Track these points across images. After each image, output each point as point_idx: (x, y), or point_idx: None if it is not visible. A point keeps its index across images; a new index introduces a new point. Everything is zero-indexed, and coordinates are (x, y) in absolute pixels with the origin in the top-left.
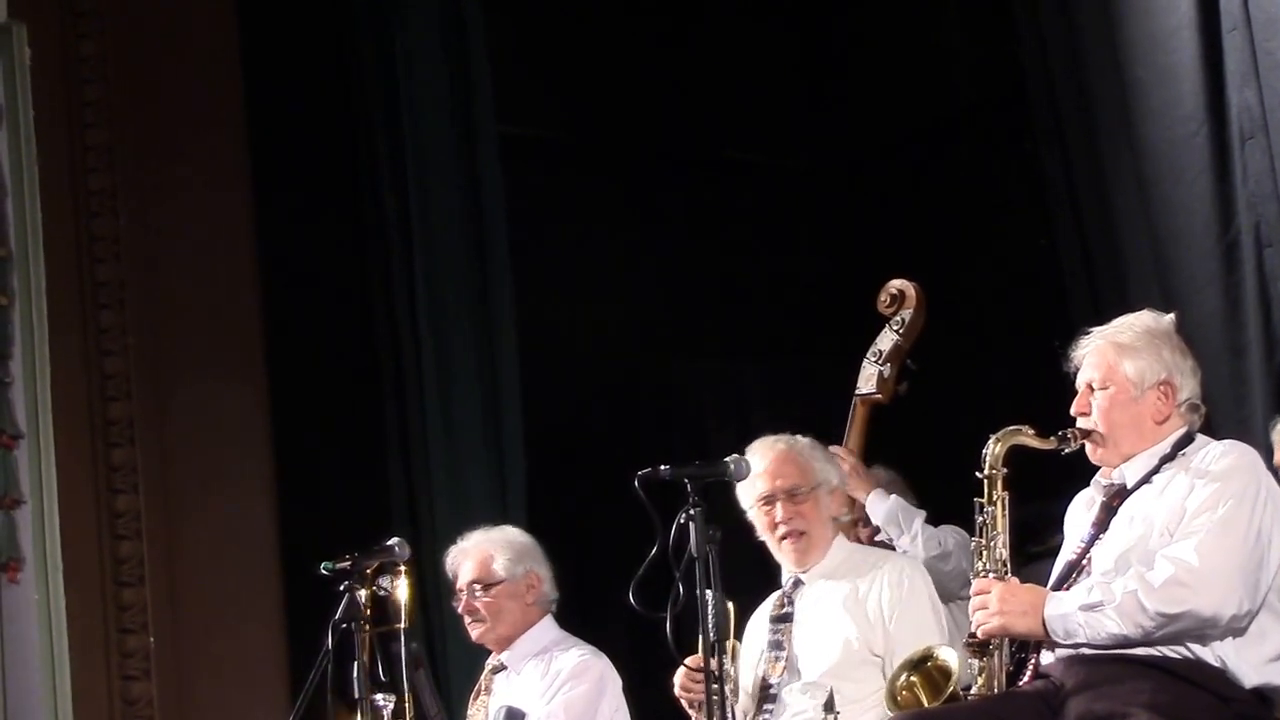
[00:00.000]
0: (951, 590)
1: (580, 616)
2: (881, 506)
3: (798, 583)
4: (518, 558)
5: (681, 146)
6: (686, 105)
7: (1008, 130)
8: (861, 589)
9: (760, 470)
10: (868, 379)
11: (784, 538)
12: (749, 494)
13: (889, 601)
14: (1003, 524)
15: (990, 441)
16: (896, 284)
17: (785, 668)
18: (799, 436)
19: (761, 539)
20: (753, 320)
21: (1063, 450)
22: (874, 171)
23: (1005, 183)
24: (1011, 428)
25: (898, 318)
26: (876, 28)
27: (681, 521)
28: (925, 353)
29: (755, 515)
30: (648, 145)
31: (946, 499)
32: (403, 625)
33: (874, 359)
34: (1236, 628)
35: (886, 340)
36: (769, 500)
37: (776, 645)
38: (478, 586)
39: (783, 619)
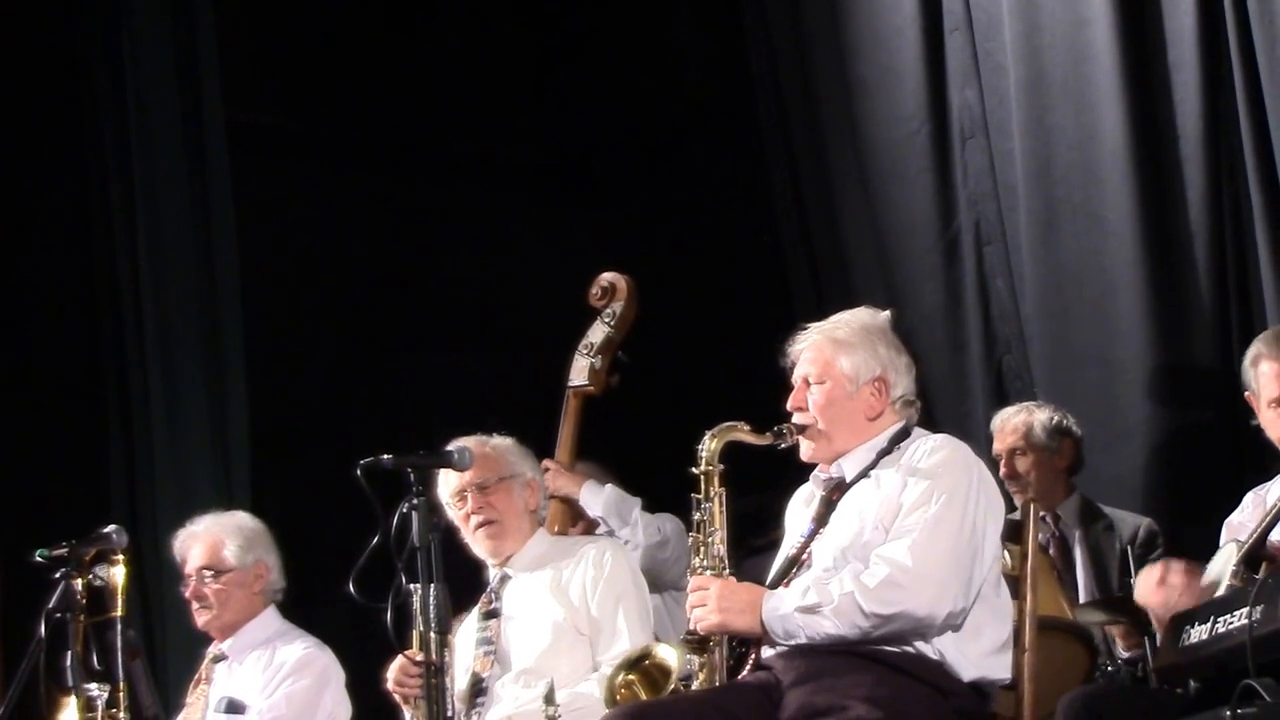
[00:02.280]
0: (672, 577)
1: (302, 606)
2: (599, 497)
3: (504, 578)
4: (248, 545)
5: (411, 136)
6: (415, 94)
7: (735, 126)
8: (565, 574)
9: None
10: (579, 371)
11: (477, 528)
12: (444, 492)
13: (590, 580)
14: (720, 520)
15: (706, 437)
16: (607, 277)
17: (495, 661)
18: (495, 435)
19: (465, 540)
20: (478, 313)
21: (779, 445)
22: (599, 166)
23: (731, 178)
24: (727, 424)
25: (609, 310)
26: (608, 21)
27: (404, 511)
28: (647, 346)
29: (452, 513)
30: (377, 135)
31: (660, 493)
32: (118, 614)
33: (585, 351)
34: (952, 624)
35: (598, 332)
36: (460, 494)
37: (485, 641)
38: (207, 573)
39: (490, 615)
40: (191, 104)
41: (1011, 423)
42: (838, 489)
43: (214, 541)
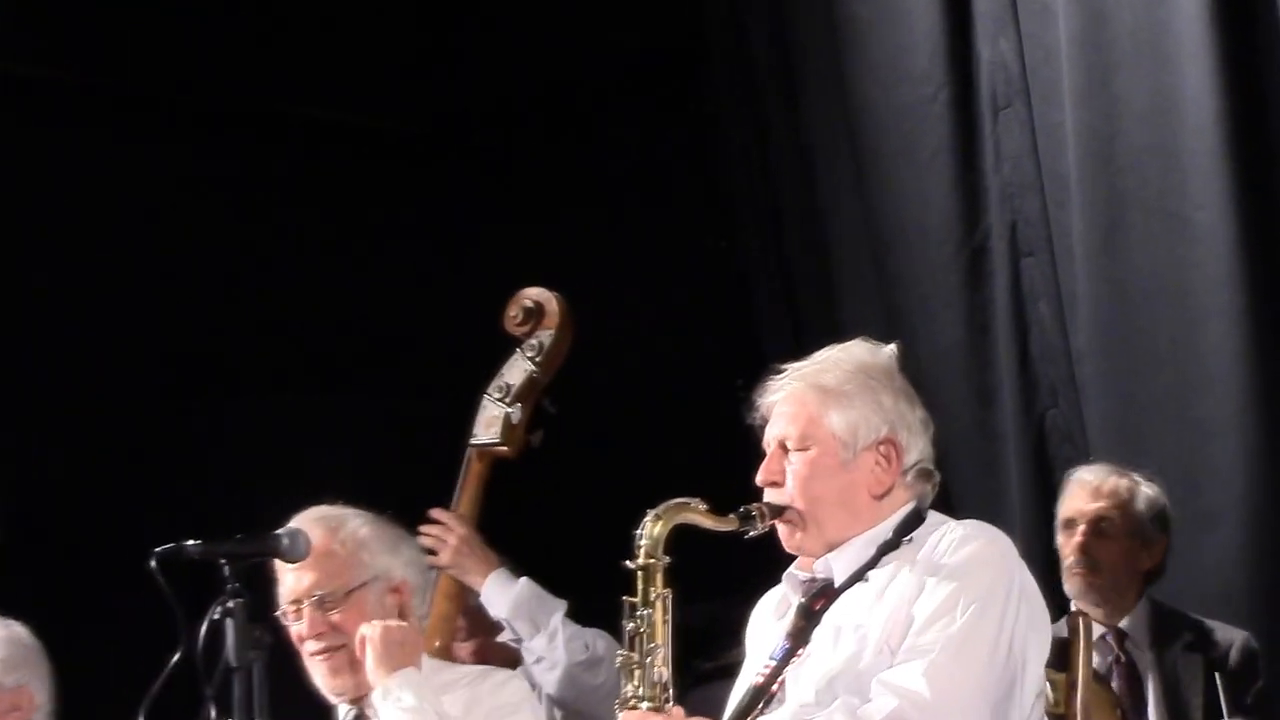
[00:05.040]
0: (600, 715)
1: None
2: (507, 594)
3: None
4: (12, 663)
5: (244, 97)
6: (248, 43)
7: (677, 88)
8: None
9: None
10: (489, 423)
11: (314, 656)
12: (280, 592)
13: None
14: (663, 632)
15: (647, 519)
16: (532, 294)
17: None
18: (353, 513)
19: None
20: (325, 340)
21: (746, 533)
22: (494, 140)
23: (672, 159)
24: (676, 501)
25: (533, 340)
26: None
27: (214, 617)
28: (566, 391)
29: (287, 620)
30: (195, 94)
31: (582, 597)
32: None
33: (498, 396)
34: None
35: (517, 371)
36: (295, 605)
37: None
38: None
39: None
40: None
41: (1110, 483)
42: (822, 595)
43: None
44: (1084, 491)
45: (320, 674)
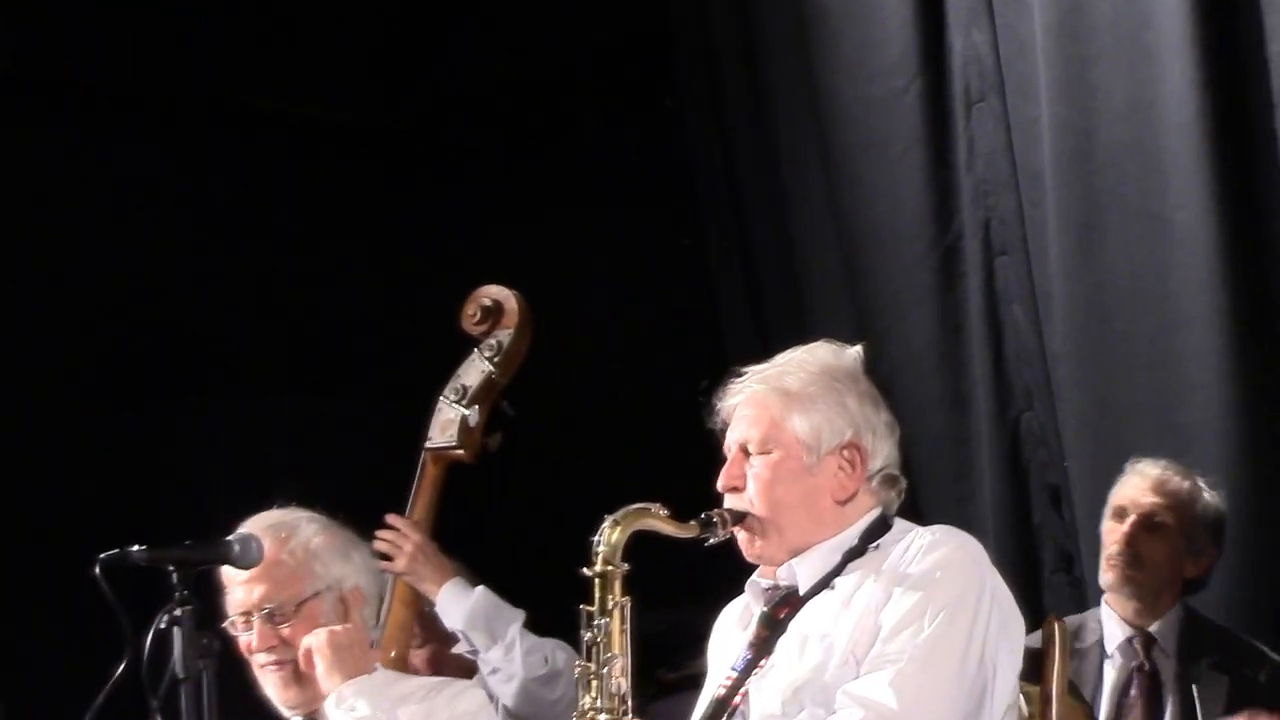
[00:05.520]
0: None
1: None
2: (462, 604)
3: None
4: None
5: (207, 92)
6: (211, 38)
7: (641, 84)
8: None
9: (242, 573)
10: (445, 426)
11: (264, 668)
12: (230, 603)
13: None
14: (620, 642)
15: (606, 525)
16: (491, 293)
17: None
18: (305, 519)
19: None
20: (295, 342)
21: (707, 540)
22: (455, 137)
23: (635, 156)
24: (636, 506)
25: (492, 340)
26: None
27: (161, 626)
28: (525, 392)
29: (236, 631)
30: (155, 87)
31: (540, 605)
32: None
33: (455, 398)
34: None
35: (474, 372)
36: (245, 617)
37: None
38: None
39: None
40: None
41: (1173, 481)
42: (786, 603)
43: None
44: (1143, 483)
45: (272, 686)
